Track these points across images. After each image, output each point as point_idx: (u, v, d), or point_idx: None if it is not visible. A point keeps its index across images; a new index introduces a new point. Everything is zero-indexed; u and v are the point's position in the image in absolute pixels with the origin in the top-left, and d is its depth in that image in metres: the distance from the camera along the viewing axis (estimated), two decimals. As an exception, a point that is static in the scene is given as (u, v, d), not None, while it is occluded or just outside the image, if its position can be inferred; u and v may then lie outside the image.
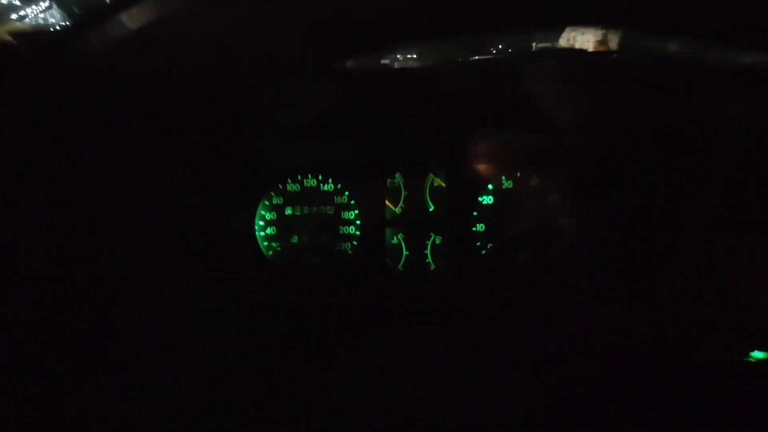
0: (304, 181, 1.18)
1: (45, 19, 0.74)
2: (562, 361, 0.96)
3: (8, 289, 0.66)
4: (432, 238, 1.16)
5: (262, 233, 1.19)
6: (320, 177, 1.18)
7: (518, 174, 1.15)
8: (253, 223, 1.19)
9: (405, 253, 1.17)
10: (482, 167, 1.15)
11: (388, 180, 1.17)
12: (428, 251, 1.16)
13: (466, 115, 1.09)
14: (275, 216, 1.19)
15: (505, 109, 1.07)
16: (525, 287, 1.13)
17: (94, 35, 0.54)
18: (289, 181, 1.18)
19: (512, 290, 1.12)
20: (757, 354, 0.92)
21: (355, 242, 1.17)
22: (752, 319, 0.97)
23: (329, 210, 1.18)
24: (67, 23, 0.71)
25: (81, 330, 0.74)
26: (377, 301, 1.11)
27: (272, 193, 1.19)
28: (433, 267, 1.17)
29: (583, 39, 1.10)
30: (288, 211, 1.18)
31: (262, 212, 1.19)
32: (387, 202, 1.17)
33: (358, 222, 1.17)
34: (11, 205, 0.64)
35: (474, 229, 1.15)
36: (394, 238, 1.17)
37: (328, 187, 1.18)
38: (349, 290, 1.14)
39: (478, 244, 1.15)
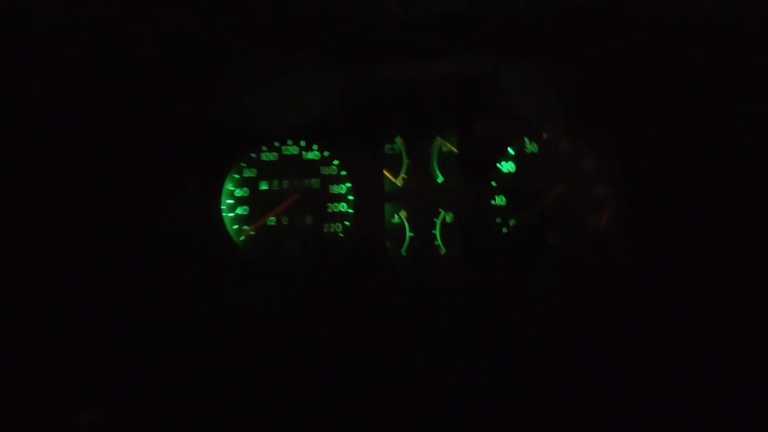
0: (283, 148, 0.96)
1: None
2: (595, 360, 0.81)
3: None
4: (441, 215, 0.96)
5: (231, 214, 0.96)
6: (303, 143, 0.96)
7: (544, 135, 0.95)
8: (219, 202, 0.96)
9: (409, 234, 0.96)
10: (500, 127, 0.95)
11: (387, 146, 0.96)
12: (437, 231, 0.96)
13: (479, 62, 0.89)
14: (247, 192, 0.97)
15: (528, 52, 0.87)
16: (556, 273, 0.94)
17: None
18: (264, 148, 0.96)
19: (541, 277, 0.93)
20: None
21: (347, 222, 0.96)
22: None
23: (315, 183, 0.96)
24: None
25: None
26: (376, 295, 0.91)
27: (243, 164, 0.96)
28: (443, 251, 0.96)
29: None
30: (263, 186, 0.96)
31: (230, 188, 0.97)
32: (386, 172, 0.96)
33: (350, 197, 0.96)
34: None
35: (492, 202, 0.95)
36: (396, 216, 0.96)
37: (313, 155, 0.96)
38: (340, 282, 0.94)
39: (498, 221, 0.95)
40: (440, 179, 0.96)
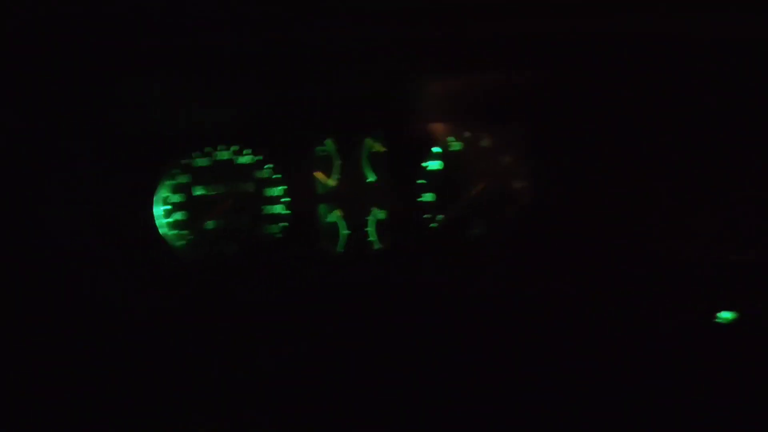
0: (215, 153, 0.97)
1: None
2: (526, 343, 0.88)
3: None
4: (373, 212, 1.00)
5: (168, 219, 0.97)
6: (235, 147, 0.97)
7: (467, 134, 1.00)
8: (151, 209, 0.97)
9: (344, 232, 1.00)
10: (426, 127, 0.99)
11: (318, 147, 0.99)
12: (370, 228, 1.00)
13: (406, 63, 0.91)
14: (183, 198, 0.97)
15: (451, 55, 0.90)
16: (480, 263, 1.00)
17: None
18: (196, 153, 0.97)
19: (467, 267, 0.99)
20: (725, 314, 0.87)
21: (284, 223, 0.99)
22: (719, 279, 0.90)
23: (249, 187, 0.98)
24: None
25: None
26: (314, 291, 0.95)
27: (176, 170, 0.97)
28: (376, 246, 1.01)
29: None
30: (198, 191, 0.97)
31: (165, 194, 0.97)
32: (319, 173, 0.99)
33: (285, 199, 0.99)
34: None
35: (421, 199, 1.00)
36: (330, 215, 1.00)
37: (246, 159, 0.98)
38: (279, 281, 0.97)
39: (427, 216, 1.01)
40: (371, 178, 1.01)
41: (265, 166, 0.98)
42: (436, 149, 1.00)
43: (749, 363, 0.80)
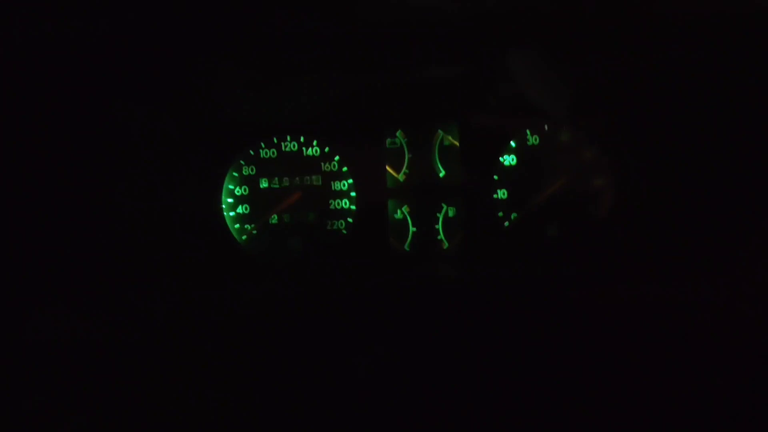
0: (282, 144, 0.94)
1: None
2: (599, 351, 0.83)
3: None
4: (444, 209, 0.96)
5: (232, 213, 0.95)
6: (302, 138, 0.94)
7: (545, 127, 0.94)
8: (219, 201, 0.94)
9: (412, 229, 0.96)
10: (502, 120, 0.94)
11: (388, 140, 0.95)
12: (440, 226, 0.96)
13: (482, 55, 0.87)
14: (247, 191, 0.95)
15: (529, 44, 0.85)
16: (555, 264, 0.95)
17: None
18: (263, 144, 0.94)
19: (541, 270, 0.94)
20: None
21: (350, 219, 0.95)
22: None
23: (316, 180, 0.94)
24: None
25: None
26: (380, 290, 0.91)
27: (241, 162, 0.94)
28: (446, 245, 0.96)
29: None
30: (263, 184, 0.94)
31: (230, 186, 0.95)
32: (387, 167, 0.95)
33: (352, 194, 0.95)
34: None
35: (495, 196, 0.95)
36: (398, 211, 0.96)
37: (313, 151, 0.94)
38: (344, 279, 0.94)
39: (500, 214, 0.95)
40: (442, 173, 0.96)
41: (333, 159, 0.94)
42: (511, 143, 0.95)
43: None
